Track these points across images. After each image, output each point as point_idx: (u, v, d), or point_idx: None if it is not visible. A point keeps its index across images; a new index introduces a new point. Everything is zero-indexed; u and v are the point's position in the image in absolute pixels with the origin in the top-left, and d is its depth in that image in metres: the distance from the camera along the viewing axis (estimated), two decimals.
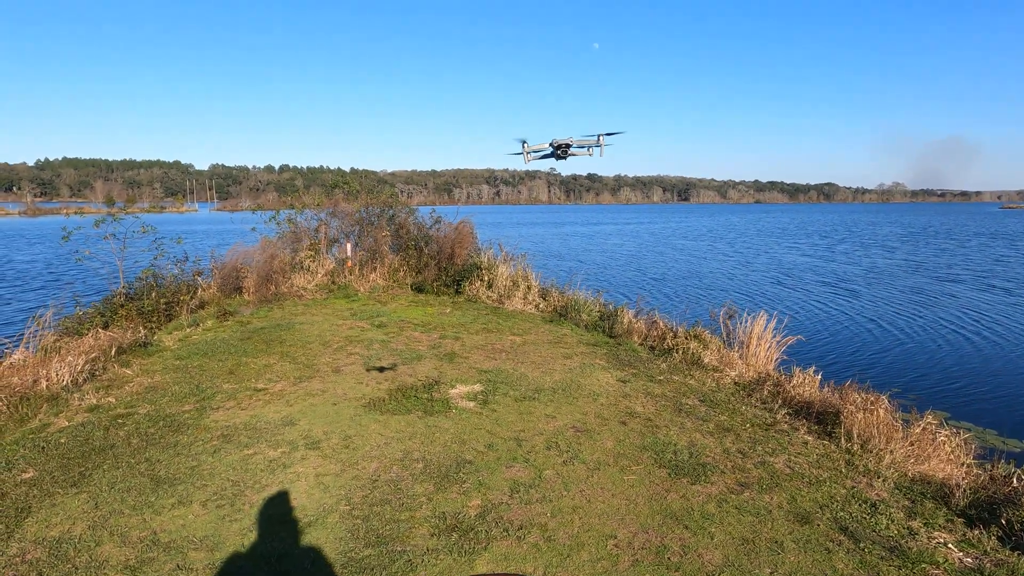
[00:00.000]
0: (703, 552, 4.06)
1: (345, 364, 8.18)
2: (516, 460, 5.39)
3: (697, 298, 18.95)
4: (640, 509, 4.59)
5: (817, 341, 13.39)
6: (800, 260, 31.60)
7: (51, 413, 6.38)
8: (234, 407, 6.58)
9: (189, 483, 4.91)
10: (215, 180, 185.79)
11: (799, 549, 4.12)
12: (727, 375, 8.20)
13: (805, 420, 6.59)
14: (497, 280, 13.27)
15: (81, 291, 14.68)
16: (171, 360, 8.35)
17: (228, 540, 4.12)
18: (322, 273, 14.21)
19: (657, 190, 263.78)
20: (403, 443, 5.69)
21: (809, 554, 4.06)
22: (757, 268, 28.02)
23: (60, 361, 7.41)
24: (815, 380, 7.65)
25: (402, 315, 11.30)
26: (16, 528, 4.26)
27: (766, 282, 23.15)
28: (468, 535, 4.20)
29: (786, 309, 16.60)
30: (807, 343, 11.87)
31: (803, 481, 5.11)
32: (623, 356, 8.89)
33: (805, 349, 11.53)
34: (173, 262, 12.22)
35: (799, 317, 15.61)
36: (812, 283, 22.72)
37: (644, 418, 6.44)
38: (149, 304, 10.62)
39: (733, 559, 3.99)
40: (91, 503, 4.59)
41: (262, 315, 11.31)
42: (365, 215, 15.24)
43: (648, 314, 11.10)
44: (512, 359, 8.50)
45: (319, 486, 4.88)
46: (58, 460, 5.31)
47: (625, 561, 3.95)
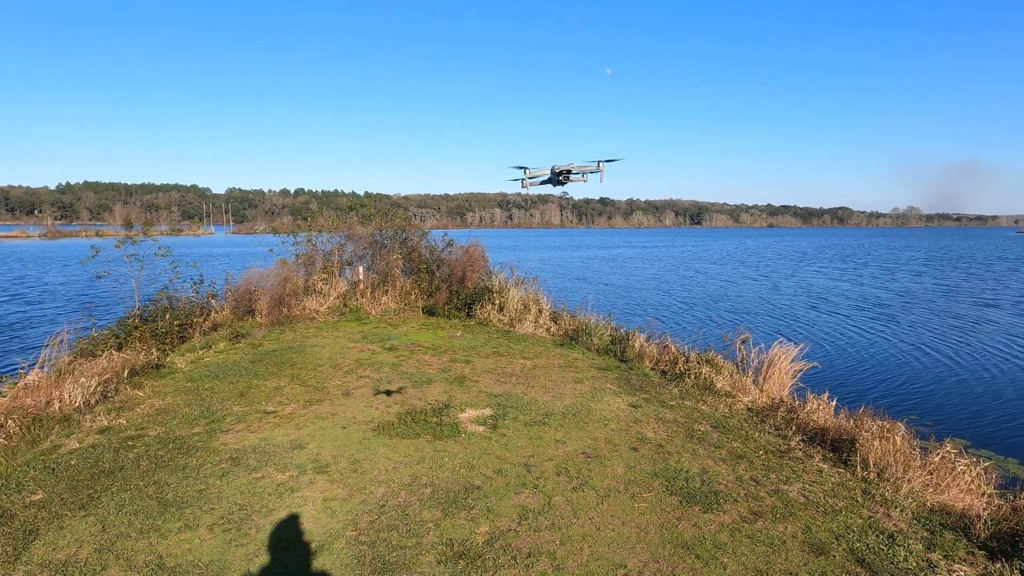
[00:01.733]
0: None
1: (355, 387, 8.16)
2: (525, 486, 5.32)
3: (730, 323, 18.49)
4: (651, 538, 4.51)
5: (832, 367, 13.21)
6: (831, 284, 31.22)
7: (62, 435, 6.41)
8: (243, 430, 6.58)
9: (197, 506, 4.89)
10: (231, 203, 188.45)
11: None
12: (740, 401, 8.09)
13: (820, 447, 6.47)
14: (508, 303, 13.27)
15: (98, 312, 14.81)
16: (183, 382, 8.38)
17: (234, 565, 4.09)
18: (334, 296, 14.27)
19: (669, 214, 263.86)
20: (411, 468, 5.65)
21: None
22: (785, 292, 27.85)
23: (73, 383, 7.47)
24: (829, 406, 7.54)
25: (413, 338, 11.30)
26: (23, 551, 4.25)
27: (799, 306, 22.93)
28: (475, 562, 4.13)
29: (810, 334, 16.49)
30: (822, 369, 11.71)
31: (818, 510, 5.00)
32: (634, 381, 8.82)
33: (819, 375, 11.38)
34: (188, 284, 12.34)
35: (817, 341, 15.42)
36: (843, 308, 22.53)
37: (655, 444, 6.35)
38: (163, 326, 10.70)
39: None
40: (98, 526, 4.58)
41: (274, 337, 11.35)
42: (378, 238, 15.35)
43: (660, 338, 11.03)
44: (522, 383, 8.45)
45: (326, 511, 4.84)
46: (67, 482, 5.31)
47: None
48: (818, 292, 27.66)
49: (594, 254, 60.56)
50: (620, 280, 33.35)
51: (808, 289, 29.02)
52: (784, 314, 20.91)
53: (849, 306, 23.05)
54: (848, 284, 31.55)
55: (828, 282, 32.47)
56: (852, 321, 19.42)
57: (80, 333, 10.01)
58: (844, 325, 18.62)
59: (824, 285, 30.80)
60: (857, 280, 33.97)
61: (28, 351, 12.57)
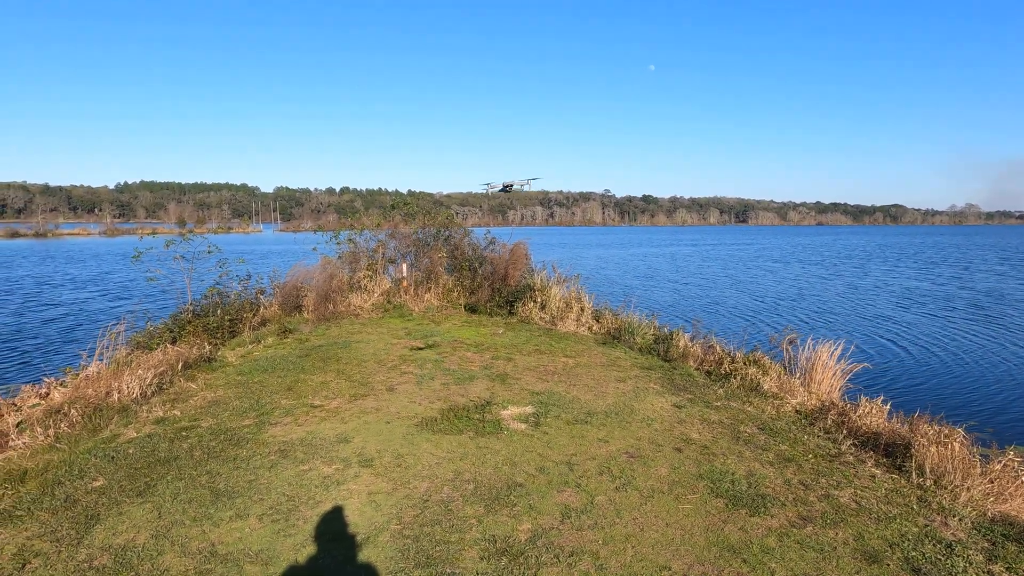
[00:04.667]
0: None
1: (399, 383, 8.27)
2: (568, 484, 5.30)
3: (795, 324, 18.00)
4: (696, 540, 4.44)
5: (886, 368, 12.77)
6: (905, 284, 30.21)
7: (121, 424, 6.67)
8: (291, 423, 6.73)
9: (247, 496, 5.02)
10: (279, 202, 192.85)
11: None
12: (788, 403, 7.90)
13: (872, 452, 6.27)
14: (550, 301, 13.24)
15: (154, 308, 15.38)
16: (233, 375, 8.62)
17: (282, 555, 4.19)
18: (378, 293, 14.48)
19: (714, 212, 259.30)
20: (454, 463, 5.69)
21: None
22: (864, 290, 27.18)
23: (131, 374, 7.76)
24: (883, 410, 7.29)
25: (455, 335, 11.38)
26: (85, 534, 4.44)
27: (887, 306, 22.27)
28: (518, 560, 4.14)
29: (865, 333, 15.97)
30: (874, 370, 11.33)
31: (871, 517, 4.84)
32: (678, 381, 8.70)
33: (872, 377, 11.03)
34: (237, 281, 12.70)
35: (873, 342, 14.95)
36: (904, 307, 21.74)
37: (700, 445, 6.25)
38: (214, 321, 11.03)
39: None
40: (155, 513, 4.75)
41: (320, 333, 11.58)
42: (421, 236, 15.51)
43: (704, 338, 10.85)
44: (564, 381, 8.43)
45: (371, 504, 4.91)
46: (126, 470, 5.53)
47: None
48: (898, 292, 26.75)
49: (648, 251, 59.89)
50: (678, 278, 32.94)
51: (884, 289, 28.14)
52: (848, 314, 20.28)
53: (909, 305, 22.28)
54: (919, 283, 30.47)
55: (904, 282, 31.45)
56: (910, 321, 18.75)
57: (136, 327, 10.41)
58: (902, 325, 17.99)
59: (898, 285, 29.85)
60: (926, 279, 32.77)
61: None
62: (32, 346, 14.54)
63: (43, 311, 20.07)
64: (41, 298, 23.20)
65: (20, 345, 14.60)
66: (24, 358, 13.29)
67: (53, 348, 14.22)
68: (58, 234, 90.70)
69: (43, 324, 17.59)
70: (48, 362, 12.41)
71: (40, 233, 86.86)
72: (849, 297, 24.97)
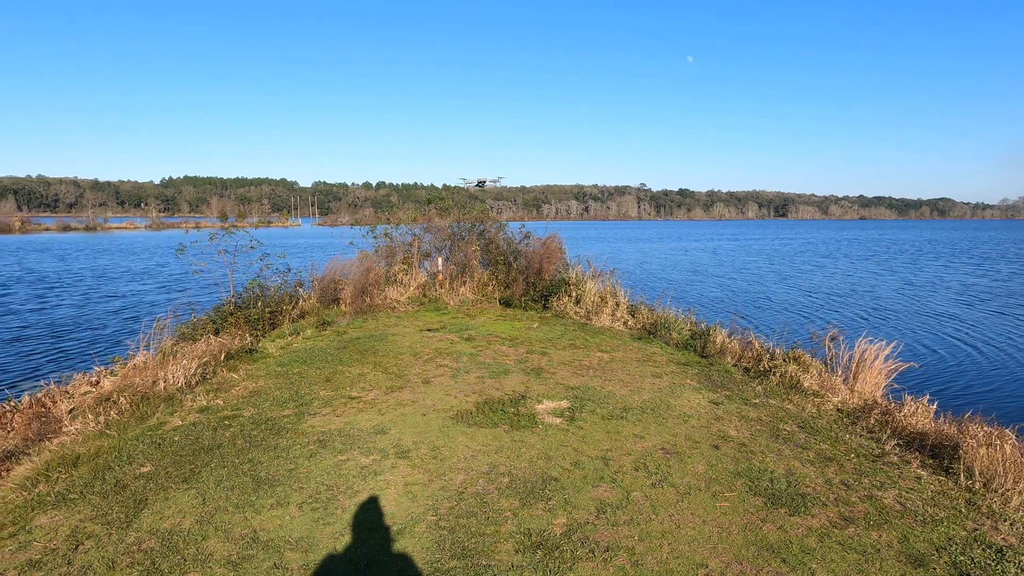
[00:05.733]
0: None
1: (434, 375, 8.33)
2: (603, 480, 5.28)
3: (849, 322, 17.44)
4: (733, 538, 4.38)
5: (933, 367, 12.38)
6: (972, 281, 29.15)
7: (167, 412, 6.87)
8: (329, 414, 6.85)
9: (287, 485, 5.13)
10: (317, 196, 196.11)
11: None
12: (829, 401, 7.72)
13: (918, 453, 6.08)
14: (585, 296, 13.18)
15: (201, 300, 15.82)
16: (273, 366, 8.80)
17: (321, 543, 4.27)
18: (414, 286, 14.61)
19: (752, 206, 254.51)
20: (489, 456, 5.72)
21: None
22: (920, 286, 26.42)
23: (176, 364, 7.99)
24: (929, 409, 7.08)
25: (490, 329, 11.42)
26: (134, 518, 4.60)
27: (946, 302, 21.57)
28: (553, 553, 4.14)
29: (913, 331, 15.52)
30: (920, 369, 11.00)
31: (916, 519, 4.71)
32: (715, 377, 8.58)
33: (918, 376, 10.71)
34: (277, 274, 12.95)
35: (920, 340, 14.50)
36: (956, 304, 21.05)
37: (738, 443, 6.16)
38: (255, 313, 11.28)
39: None
40: (199, 499, 4.89)
41: (357, 326, 11.74)
42: (456, 230, 15.59)
43: (743, 334, 10.67)
44: (599, 376, 8.38)
45: (408, 495, 4.97)
46: (172, 457, 5.70)
47: None
48: (955, 288, 25.86)
49: (689, 246, 59.15)
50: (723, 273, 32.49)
51: (941, 284, 27.20)
52: (904, 311, 19.66)
53: (971, 302, 21.56)
54: (978, 279, 29.44)
55: (962, 278, 30.38)
56: (972, 319, 18.12)
57: (181, 318, 10.72)
58: (962, 323, 17.40)
59: (955, 281, 28.90)
60: (985, 274, 31.68)
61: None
62: (96, 336, 15.10)
63: (105, 303, 20.87)
64: (101, 290, 24.11)
65: (86, 335, 15.20)
66: (91, 348, 13.80)
67: (115, 338, 14.74)
68: (107, 228, 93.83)
69: (106, 315, 18.31)
70: (110, 352, 12.87)
71: (90, 227, 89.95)
72: (905, 293, 24.19)
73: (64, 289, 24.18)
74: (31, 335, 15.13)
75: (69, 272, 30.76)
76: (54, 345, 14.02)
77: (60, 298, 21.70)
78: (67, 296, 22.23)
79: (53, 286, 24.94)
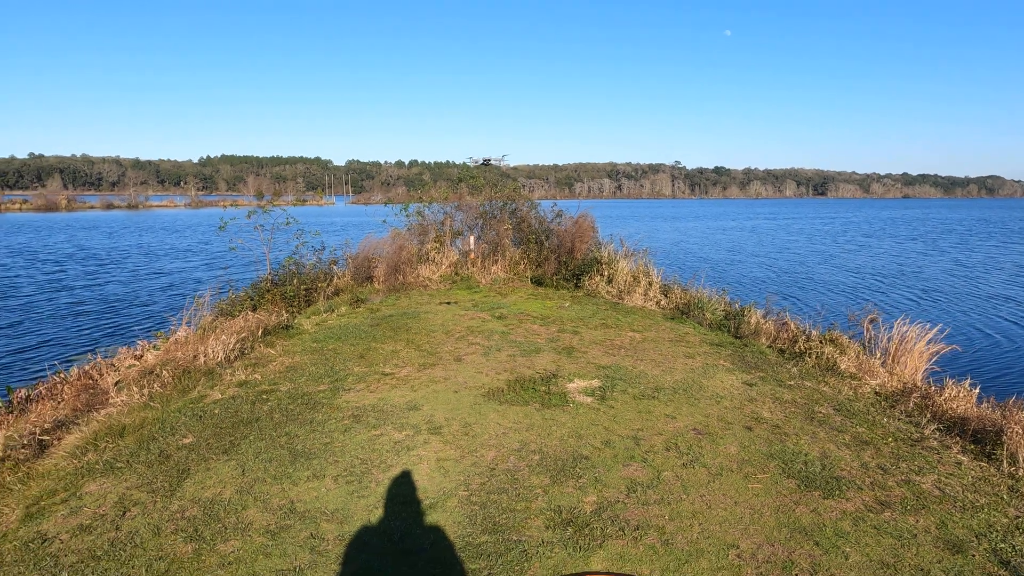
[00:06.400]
0: (836, 572, 3.77)
1: (466, 353, 8.40)
2: (634, 459, 5.29)
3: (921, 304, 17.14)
4: (765, 520, 4.35)
5: (977, 351, 12.02)
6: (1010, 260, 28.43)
7: (207, 386, 7.07)
8: (363, 389, 6.97)
9: (323, 458, 5.25)
10: (351, 175, 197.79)
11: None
12: (866, 384, 7.57)
13: (959, 438, 5.94)
14: (617, 275, 13.10)
15: (242, 277, 16.19)
16: (309, 343, 8.97)
17: (356, 515, 4.37)
18: (446, 265, 14.69)
19: (790, 184, 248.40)
20: (520, 434, 5.76)
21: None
22: (973, 267, 25.63)
23: (215, 340, 8.20)
24: (971, 394, 6.89)
25: (521, 308, 11.44)
26: (177, 487, 4.77)
27: (1003, 284, 20.91)
28: (583, 531, 4.17)
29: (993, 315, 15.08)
30: (963, 353, 10.68)
31: (955, 505, 4.61)
32: (749, 358, 8.47)
33: (960, 359, 10.42)
34: (312, 252, 13.15)
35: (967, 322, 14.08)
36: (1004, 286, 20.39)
37: (771, 424, 6.09)
38: (291, 290, 11.49)
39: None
40: (239, 470, 5.04)
41: (390, 303, 11.87)
42: (488, 209, 15.58)
43: (778, 315, 10.51)
44: (631, 356, 8.35)
45: (440, 470, 5.05)
46: (212, 429, 5.87)
47: (748, 573, 3.76)
48: (1009, 270, 24.98)
49: (727, 225, 58.15)
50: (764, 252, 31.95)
51: (994, 266, 26.34)
52: (957, 293, 19.11)
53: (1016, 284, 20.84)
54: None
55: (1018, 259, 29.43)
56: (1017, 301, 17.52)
57: (220, 295, 10.98)
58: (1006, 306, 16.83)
59: (1009, 262, 27.95)
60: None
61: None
62: (148, 312, 15.63)
63: (153, 279, 21.60)
64: (149, 267, 24.90)
65: (137, 312, 15.77)
66: (144, 324, 14.27)
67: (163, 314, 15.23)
68: (148, 206, 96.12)
69: (156, 292, 18.98)
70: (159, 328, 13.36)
71: (132, 205, 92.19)
72: (956, 274, 23.46)
73: (115, 266, 25.06)
74: (87, 310, 15.82)
75: (117, 249, 31.73)
76: (112, 321, 14.60)
77: (111, 274, 22.50)
78: (117, 273, 23.04)
79: (104, 263, 25.83)
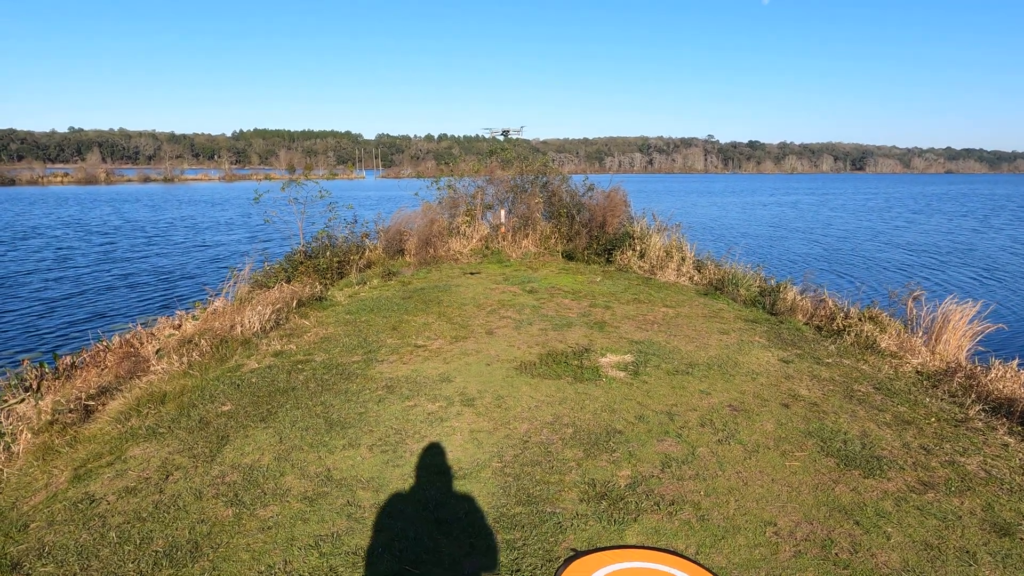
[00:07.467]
0: (877, 552, 3.70)
1: (497, 327, 8.40)
2: (668, 434, 5.24)
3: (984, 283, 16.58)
4: (803, 498, 4.28)
5: None
6: None
7: (244, 355, 7.20)
8: (396, 361, 7.02)
9: (358, 428, 5.32)
10: (381, 149, 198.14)
11: (996, 563, 3.63)
12: (908, 362, 7.37)
13: (1005, 419, 5.76)
14: (649, 250, 12.93)
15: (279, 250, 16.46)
16: (342, 314, 9.06)
17: (391, 483, 4.42)
18: (477, 238, 14.66)
19: (827, 158, 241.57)
20: (553, 407, 5.75)
21: (1009, 571, 3.56)
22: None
23: (251, 310, 8.32)
24: (1020, 374, 6.66)
25: (552, 282, 11.38)
26: (217, 453, 4.87)
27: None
28: (617, 504, 4.16)
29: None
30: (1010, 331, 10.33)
31: (1002, 488, 4.48)
32: (785, 335, 8.31)
33: (1008, 338, 10.09)
34: (344, 224, 13.23)
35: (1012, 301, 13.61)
36: None
37: (809, 402, 5.98)
38: (324, 262, 11.60)
39: (913, 564, 3.60)
40: (276, 437, 5.13)
41: (421, 276, 11.91)
42: (519, 182, 15.45)
43: (815, 292, 10.27)
44: (664, 331, 8.26)
45: (473, 441, 5.07)
46: (250, 397, 5.98)
47: (786, 551, 3.71)
48: None
49: (766, 200, 56.97)
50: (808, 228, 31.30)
51: None
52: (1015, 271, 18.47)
53: None
54: None
55: None
56: None
57: (256, 267, 11.15)
58: None
59: None
60: None
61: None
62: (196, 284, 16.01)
63: (199, 251, 22.23)
64: (195, 240, 25.55)
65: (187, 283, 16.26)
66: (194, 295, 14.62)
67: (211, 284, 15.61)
68: (183, 179, 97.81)
69: (203, 264, 19.50)
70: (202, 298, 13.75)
71: (168, 178, 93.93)
72: (1017, 252, 22.61)
73: (162, 238, 25.81)
74: (140, 282, 16.39)
75: (163, 221, 32.58)
76: (165, 292, 15.14)
77: (159, 247, 23.18)
78: (165, 245, 23.71)
79: (151, 236, 26.58)
